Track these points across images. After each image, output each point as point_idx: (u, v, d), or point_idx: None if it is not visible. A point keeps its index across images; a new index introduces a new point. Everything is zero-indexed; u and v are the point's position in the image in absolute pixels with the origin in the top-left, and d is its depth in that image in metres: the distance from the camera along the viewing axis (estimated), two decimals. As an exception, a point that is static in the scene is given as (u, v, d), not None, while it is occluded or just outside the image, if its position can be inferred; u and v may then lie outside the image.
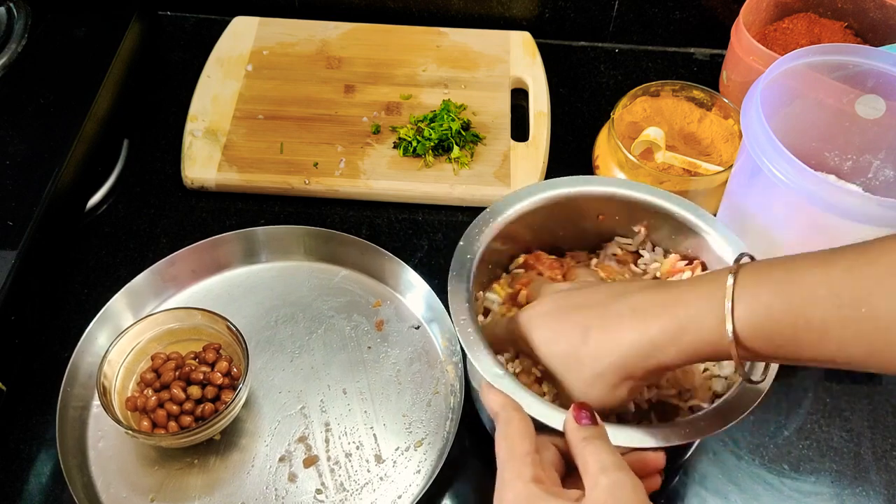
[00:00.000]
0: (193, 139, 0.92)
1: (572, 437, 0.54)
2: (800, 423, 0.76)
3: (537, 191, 0.71)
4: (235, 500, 0.69)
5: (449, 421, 0.73)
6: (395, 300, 0.81)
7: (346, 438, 0.73)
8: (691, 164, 0.85)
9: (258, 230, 0.82)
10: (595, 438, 0.54)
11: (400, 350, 0.78)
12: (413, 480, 0.70)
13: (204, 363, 0.73)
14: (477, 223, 0.69)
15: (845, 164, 0.82)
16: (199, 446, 0.71)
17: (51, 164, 0.80)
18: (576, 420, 0.55)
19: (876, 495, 0.72)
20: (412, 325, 0.80)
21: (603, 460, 0.52)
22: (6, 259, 0.73)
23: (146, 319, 0.74)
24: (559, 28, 1.07)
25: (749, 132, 0.68)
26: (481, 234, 0.68)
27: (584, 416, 0.55)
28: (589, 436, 0.54)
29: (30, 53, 0.90)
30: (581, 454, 0.53)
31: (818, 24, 0.95)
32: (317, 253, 0.83)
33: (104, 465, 0.70)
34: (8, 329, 0.73)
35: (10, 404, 0.73)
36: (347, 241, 0.82)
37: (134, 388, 0.73)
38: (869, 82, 0.74)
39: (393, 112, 0.96)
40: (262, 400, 0.75)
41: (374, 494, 0.70)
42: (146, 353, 0.74)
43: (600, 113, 0.98)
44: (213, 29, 1.04)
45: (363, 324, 0.80)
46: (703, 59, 1.06)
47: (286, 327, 0.79)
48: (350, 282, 0.82)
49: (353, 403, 0.75)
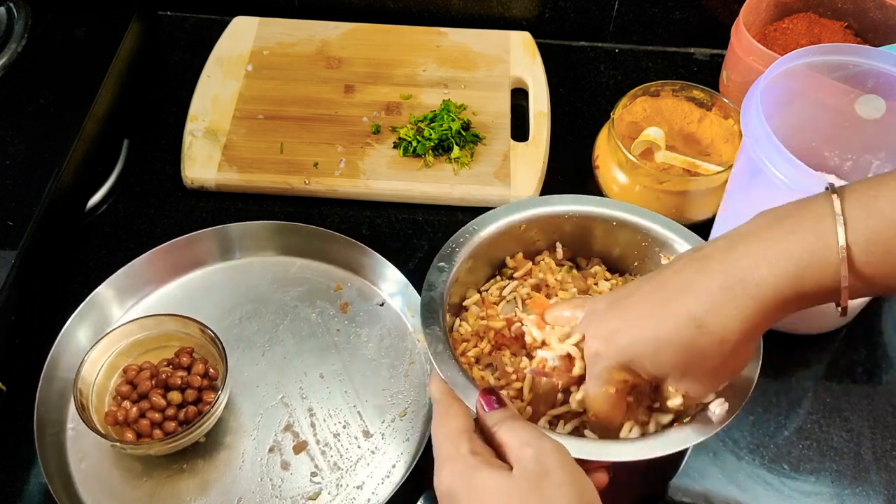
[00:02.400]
0: (193, 139, 0.92)
1: (485, 424, 0.54)
2: (800, 423, 0.76)
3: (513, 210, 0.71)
4: (232, 497, 0.70)
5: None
6: (355, 281, 0.82)
7: (332, 420, 0.74)
8: (691, 164, 0.85)
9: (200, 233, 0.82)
10: (506, 419, 0.53)
11: (369, 328, 0.79)
12: (404, 449, 0.72)
13: (179, 368, 0.73)
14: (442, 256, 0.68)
15: (845, 165, 0.82)
16: (185, 452, 0.71)
17: (51, 164, 0.80)
18: (484, 407, 0.54)
19: (876, 495, 0.72)
20: (376, 302, 0.81)
21: (521, 436, 0.51)
22: (6, 259, 0.73)
23: (110, 334, 0.73)
24: (559, 28, 1.07)
25: (749, 132, 0.68)
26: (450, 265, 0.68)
27: (491, 401, 0.54)
28: (500, 418, 0.53)
29: (30, 53, 0.90)
30: (499, 437, 0.52)
31: (818, 24, 0.95)
32: (269, 247, 0.84)
33: (90, 485, 0.70)
34: (8, 329, 0.73)
35: (10, 404, 0.73)
36: (297, 231, 0.83)
37: (111, 403, 0.72)
38: (869, 82, 0.74)
39: (393, 112, 0.96)
40: (240, 397, 0.75)
41: (369, 468, 0.71)
42: (116, 368, 0.74)
43: (600, 113, 0.98)
44: (213, 29, 1.04)
45: (328, 308, 0.81)
46: (703, 59, 1.06)
47: (252, 323, 0.80)
48: (307, 270, 0.83)
49: (332, 386, 0.76)
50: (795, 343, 0.79)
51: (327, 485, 0.70)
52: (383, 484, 0.70)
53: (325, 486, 0.70)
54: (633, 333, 0.55)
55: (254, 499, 0.69)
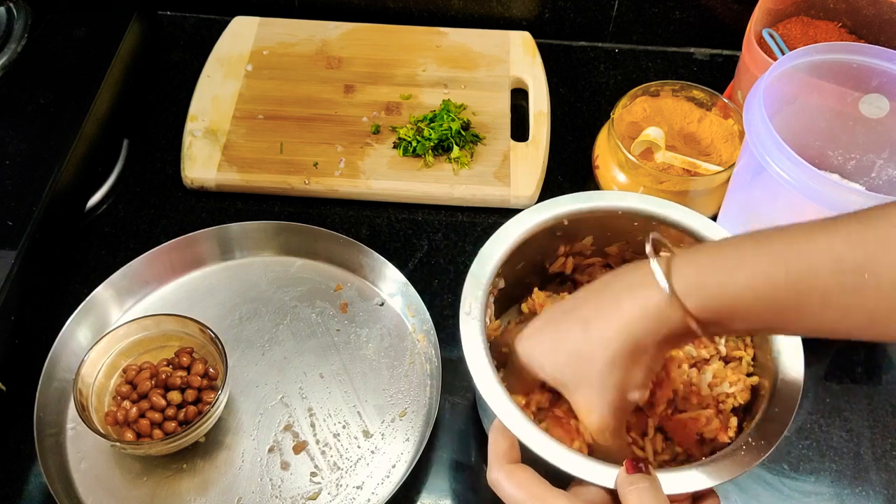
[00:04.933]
0: (193, 139, 0.92)
1: (621, 486, 0.53)
2: (800, 423, 0.76)
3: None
4: (231, 497, 0.70)
5: (429, 387, 0.75)
6: (355, 281, 0.82)
7: (332, 420, 0.74)
8: (691, 164, 0.85)
9: (199, 233, 0.82)
10: (642, 482, 0.53)
11: (369, 328, 0.79)
12: (404, 448, 0.72)
13: (179, 368, 0.73)
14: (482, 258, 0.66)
15: (848, 164, 0.82)
16: (185, 452, 0.71)
17: (51, 164, 0.80)
18: (627, 471, 0.54)
19: (876, 495, 0.72)
20: (376, 302, 0.81)
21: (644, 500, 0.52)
22: (6, 259, 0.73)
23: (110, 335, 0.73)
24: (559, 28, 1.07)
25: (752, 131, 0.68)
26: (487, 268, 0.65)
27: (636, 466, 0.54)
28: (636, 481, 0.53)
29: (30, 53, 0.90)
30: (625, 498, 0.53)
31: (812, 25, 0.94)
32: (269, 247, 0.84)
33: (90, 486, 0.70)
34: (8, 329, 0.73)
35: (10, 404, 0.73)
36: (297, 231, 0.83)
37: (110, 403, 0.72)
38: (873, 81, 0.74)
39: (393, 112, 0.96)
40: (240, 397, 0.75)
41: (369, 468, 0.71)
42: (116, 368, 0.74)
43: (600, 113, 0.98)
44: (212, 29, 1.04)
45: (328, 308, 0.81)
46: (703, 59, 1.06)
47: (251, 323, 0.80)
48: (307, 270, 0.83)
49: (332, 386, 0.76)
50: (796, 343, 0.79)
51: (327, 485, 0.70)
52: (383, 484, 0.70)
53: (325, 486, 0.70)
54: (536, 337, 0.59)
55: (253, 499, 0.69)
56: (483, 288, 0.64)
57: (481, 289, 0.63)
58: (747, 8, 0.91)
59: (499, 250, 0.66)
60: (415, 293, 0.78)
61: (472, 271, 0.64)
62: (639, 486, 0.52)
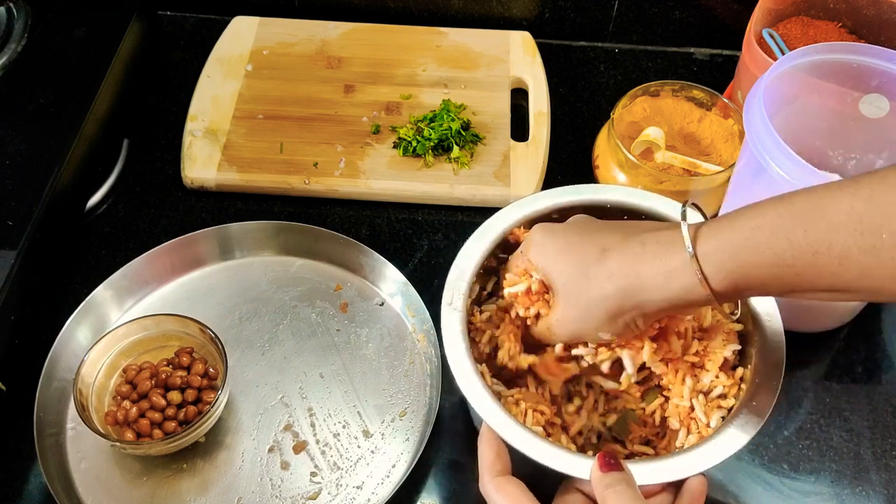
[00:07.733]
0: (193, 139, 0.92)
1: (597, 485, 0.54)
2: (800, 423, 0.76)
3: None
4: (231, 497, 0.70)
5: (429, 387, 0.75)
6: (354, 281, 0.82)
7: (332, 420, 0.74)
8: (691, 163, 0.85)
9: (199, 233, 0.82)
10: (618, 484, 0.53)
11: (369, 328, 0.79)
12: (404, 448, 0.72)
13: (179, 368, 0.73)
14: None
15: (849, 164, 0.82)
16: (185, 451, 0.71)
17: (51, 164, 0.80)
18: (600, 468, 0.55)
19: (876, 495, 0.72)
20: (376, 302, 0.81)
21: (623, 502, 0.52)
22: (6, 259, 0.73)
23: (110, 334, 0.73)
24: (559, 28, 1.07)
25: (752, 131, 0.68)
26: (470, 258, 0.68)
27: (609, 463, 0.55)
28: (612, 482, 0.54)
29: (30, 53, 0.90)
30: (603, 500, 0.53)
31: (812, 26, 0.94)
32: (269, 247, 0.84)
33: (90, 486, 0.70)
34: (8, 329, 0.73)
35: (10, 404, 0.73)
36: (297, 231, 0.83)
37: (110, 403, 0.72)
38: (873, 81, 0.74)
39: (393, 112, 0.96)
40: (240, 396, 0.75)
41: (369, 468, 0.71)
42: (116, 368, 0.74)
43: (600, 113, 0.98)
44: (212, 29, 1.04)
45: (328, 308, 0.81)
46: (703, 59, 1.06)
47: (251, 322, 0.80)
48: (307, 270, 0.83)
49: (332, 385, 0.76)
50: (795, 343, 0.79)
51: (327, 485, 0.70)
52: (383, 484, 0.70)
53: (325, 485, 0.70)
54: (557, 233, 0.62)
55: (253, 499, 0.69)
56: (466, 280, 0.66)
57: (465, 280, 0.66)
58: (747, 8, 0.91)
59: (483, 244, 0.68)
60: (415, 293, 0.78)
61: (456, 263, 0.67)
62: (616, 488, 0.53)
